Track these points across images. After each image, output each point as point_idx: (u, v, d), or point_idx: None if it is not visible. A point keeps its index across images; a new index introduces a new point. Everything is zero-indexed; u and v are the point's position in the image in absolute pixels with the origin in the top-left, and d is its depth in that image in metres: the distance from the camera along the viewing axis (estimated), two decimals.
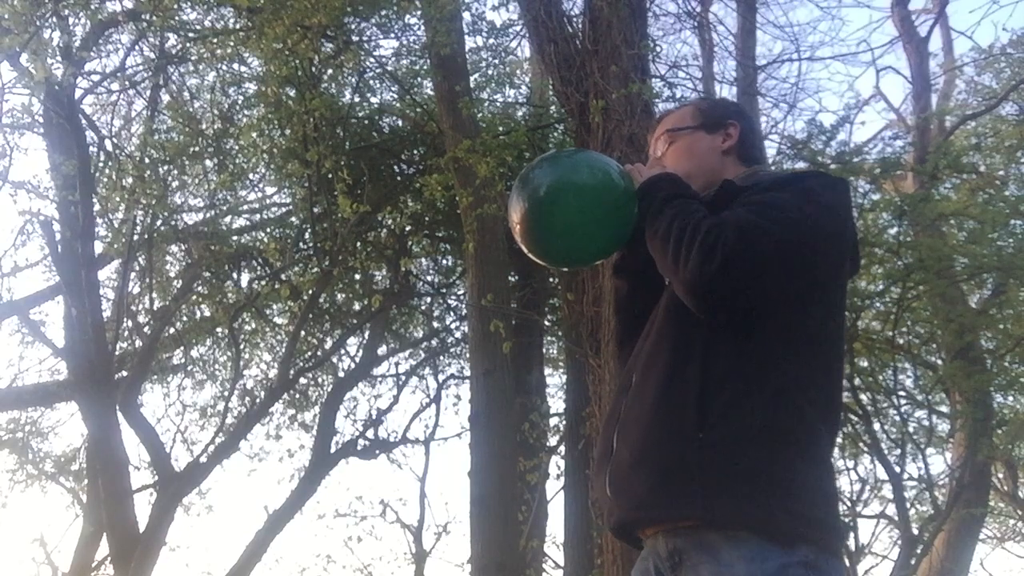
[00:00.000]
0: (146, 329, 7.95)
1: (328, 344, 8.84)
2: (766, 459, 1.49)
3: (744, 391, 1.53)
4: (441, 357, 9.32)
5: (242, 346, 8.29)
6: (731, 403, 1.52)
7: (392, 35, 7.81)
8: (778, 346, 1.56)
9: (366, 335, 8.79)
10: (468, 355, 7.17)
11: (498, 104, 8.60)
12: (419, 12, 7.09)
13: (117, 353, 7.68)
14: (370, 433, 8.73)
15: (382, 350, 9.10)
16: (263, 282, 7.91)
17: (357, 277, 8.24)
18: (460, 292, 8.88)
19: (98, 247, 7.57)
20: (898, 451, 6.56)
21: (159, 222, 7.59)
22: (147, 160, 7.35)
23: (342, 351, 8.83)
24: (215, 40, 7.22)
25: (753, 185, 1.69)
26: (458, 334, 9.04)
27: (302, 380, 8.72)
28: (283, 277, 7.83)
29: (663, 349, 1.64)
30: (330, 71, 7.40)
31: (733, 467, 1.48)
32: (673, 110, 1.99)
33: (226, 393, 8.32)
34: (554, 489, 7.21)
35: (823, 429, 1.57)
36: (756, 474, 1.48)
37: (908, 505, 6.80)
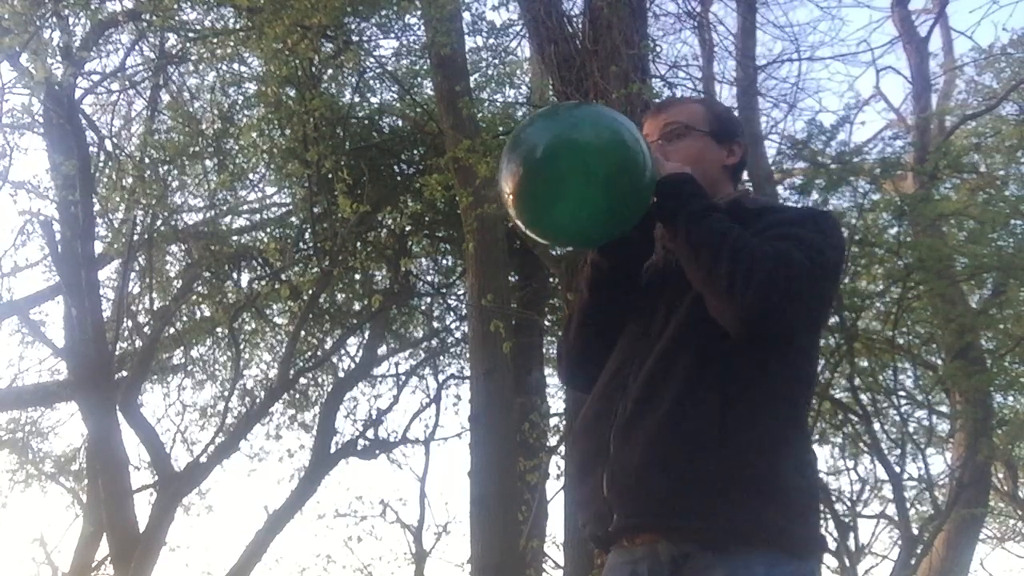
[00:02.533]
0: (146, 329, 7.95)
1: (328, 344, 8.84)
2: (779, 471, 1.55)
3: (763, 401, 1.58)
4: (441, 357, 9.32)
5: (242, 346, 8.28)
6: (752, 413, 1.56)
7: (392, 35, 7.82)
8: (792, 366, 1.65)
9: (366, 335, 8.79)
10: (468, 355, 7.17)
11: (498, 104, 8.59)
12: (419, 12, 7.08)
13: (117, 353, 7.67)
14: (370, 433, 8.74)
15: (382, 350, 9.10)
16: (263, 282, 7.90)
17: (357, 277, 8.23)
18: (460, 292, 8.88)
19: (98, 247, 7.57)
20: (898, 451, 6.56)
21: (159, 222, 7.59)
22: (147, 160, 7.35)
23: (342, 351, 8.83)
24: (215, 40, 7.22)
25: (759, 209, 1.74)
26: (458, 334, 9.05)
27: (302, 380, 8.71)
28: (283, 277, 7.82)
29: (681, 357, 1.62)
30: (330, 71, 7.39)
31: (751, 479, 1.52)
32: (683, 101, 2.00)
33: (226, 393, 8.32)
34: (554, 489, 7.20)
35: (806, 428, 1.73)
36: (771, 486, 1.53)
37: (908, 505, 6.80)
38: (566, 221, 1.63)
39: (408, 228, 7.69)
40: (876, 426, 6.50)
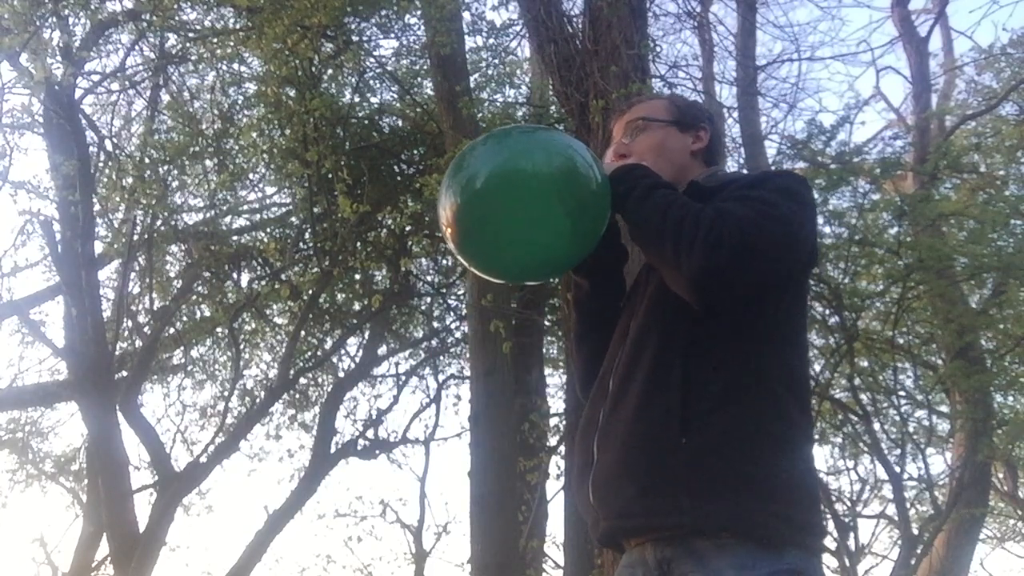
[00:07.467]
0: (146, 329, 7.95)
1: (328, 344, 8.83)
2: (751, 461, 1.49)
3: (728, 392, 1.53)
4: (441, 357, 9.32)
5: (242, 346, 8.28)
6: (715, 406, 1.52)
7: (392, 35, 7.81)
8: (762, 340, 1.57)
9: (366, 335, 8.79)
10: (468, 355, 7.17)
11: (498, 104, 8.58)
12: (419, 12, 7.08)
13: (117, 353, 7.67)
14: (370, 433, 8.74)
15: (382, 350, 9.10)
16: (263, 282, 7.91)
17: (357, 277, 8.23)
18: (460, 292, 8.87)
19: (98, 247, 7.58)
20: (898, 451, 6.57)
21: (159, 222, 7.59)
22: (147, 160, 7.35)
23: (342, 351, 8.83)
24: (215, 40, 7.22)
25: (719, 186, 1.71)
26: (458, 334, 9.04)
27: (302, 380, 8.71)
28: (283, 277, 7.83)
29: (644, 353, 1.61)
30: (330, 71, 7.39)
31: (718, 471, 1.48)
32: (645, 98, 1.97)
33: (226, 393, 8.32)
34: (554, 489, 7.22)
35: (802, 419, 1.59)
36: (742, 477, 1.47)
37: (908, 505, 6.81)
38: (525, 259, 1.58)
39: (408, 228, 7.68)
40: (876, 426, 6.51)
